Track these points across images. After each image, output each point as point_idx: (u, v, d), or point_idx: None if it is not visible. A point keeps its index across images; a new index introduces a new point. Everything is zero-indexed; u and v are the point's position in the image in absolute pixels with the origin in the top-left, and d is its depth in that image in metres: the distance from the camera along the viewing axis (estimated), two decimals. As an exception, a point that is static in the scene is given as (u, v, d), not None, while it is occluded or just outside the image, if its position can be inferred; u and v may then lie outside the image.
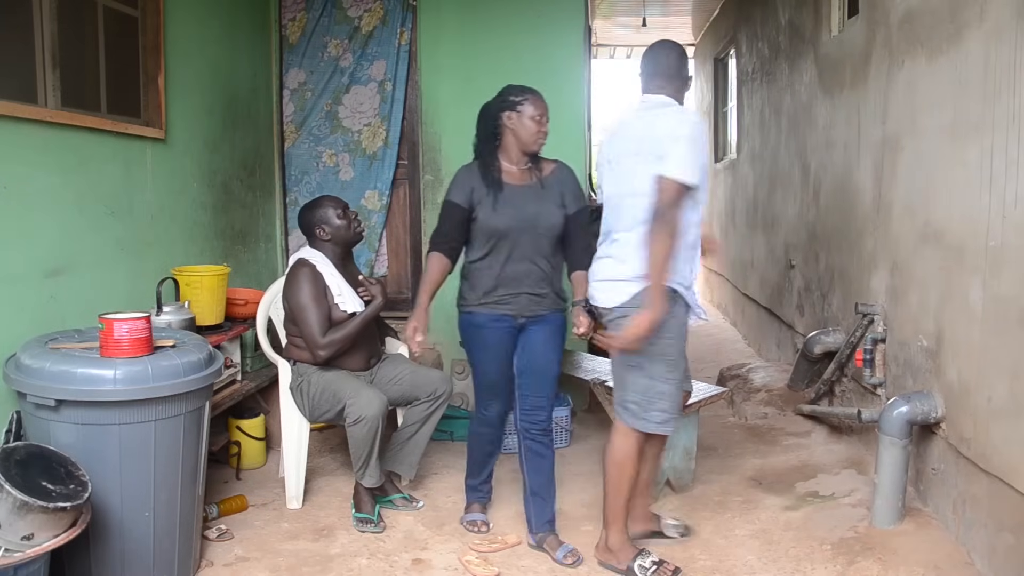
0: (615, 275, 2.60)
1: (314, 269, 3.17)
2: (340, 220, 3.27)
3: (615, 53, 11.20)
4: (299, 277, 3.14)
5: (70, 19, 2.99)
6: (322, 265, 3.20)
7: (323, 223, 3.25)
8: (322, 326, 3.10)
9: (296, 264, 3.20)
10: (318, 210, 3.27)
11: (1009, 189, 2.38)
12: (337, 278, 3.22)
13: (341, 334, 3.12)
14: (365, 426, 2.98)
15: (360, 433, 3.00)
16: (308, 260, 3.20)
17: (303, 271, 3.15)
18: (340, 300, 3.17)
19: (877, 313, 3.42)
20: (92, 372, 2.33)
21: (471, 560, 2.80)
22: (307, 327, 3.10)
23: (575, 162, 4.61)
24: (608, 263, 2.65)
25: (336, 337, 3.11)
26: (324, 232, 3.25)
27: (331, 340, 3.09)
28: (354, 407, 2.98)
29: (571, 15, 4.56)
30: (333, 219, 3.26)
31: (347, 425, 3.03)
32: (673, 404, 2.64)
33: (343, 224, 3.27)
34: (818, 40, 4.42)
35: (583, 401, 4.55)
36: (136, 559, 2.45)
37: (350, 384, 3.09)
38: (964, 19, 2.66)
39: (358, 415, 2.97)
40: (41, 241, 2.76)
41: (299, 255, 3.25)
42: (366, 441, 3.01)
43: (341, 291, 3.20)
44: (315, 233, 3.26)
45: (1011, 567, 2.38)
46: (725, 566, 2.79)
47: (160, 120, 3.45)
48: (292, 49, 4.71)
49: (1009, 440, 2.39)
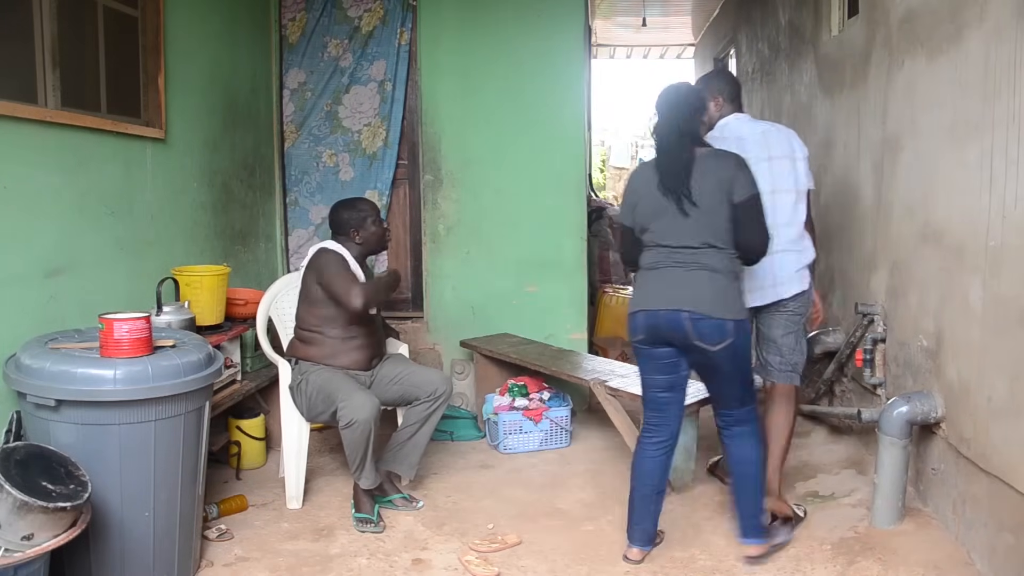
0: (800, 263, 2.96)
1: (343, 257, 3.24)
2: (375, 227, 3.34)
3: (615, 53, 11.21)
4: (327, 258, 3.20)
5: (70, 19, 2.99)
6: (348, 258, 3.27)
7: (359, 227, 3.32)
8: (355, 284, 3.14)
9: (322, 250, 3.25)
10: (357, 213, 3.33)
11: (1009, 189, 2.38)
12: (360, 273, 3.28)
13: (372, 287, 3.20)
14: (357, 430, 2.98)
15: (352, 437, 3.00)
16: (335, 250, 3.26)
17: (331, 255, 3.22)
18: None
19: (877, 313, 3.42)
20: (92, 372, 2.33)
21: (471, 560, 2.80)
22: (341, 286, 3.11)
23: (574, 162, 4.64)
24: (794, 256, 2.95)
25: (370, 290, 3.15)
26: (357, 235, 3.32)
27: (365, 292, 3.12)
28: (346, 410, 2.98)
29: (571, 15, 4.56)
30: (369, 226, 3.33)
31: (340, 428, 3.04)
32: None
33: (377, 232, 3.36)
34: (818, 40, 4.42)
35: (583, 401, 4.55)
36: (136, 559, 2.45)
37: (345, 386, 3.09)
38: (964, 19, 2.66)
39: (350, 419, 2.97)
40: (41, 241, 2.75)
41: (324, 245, 3.29)
42: (359, 444, 3.02)
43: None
44: (347, 232, 3.32)
45: (1011, 567, 2.38)
46: (725, 566, 2.79)
47: (160, 120, 3.45)
48: (292, 49, 4.71)
49: (1009, 440, 2.39)
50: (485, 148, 4.61)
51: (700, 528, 3.08)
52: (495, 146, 4.61)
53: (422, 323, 4.72)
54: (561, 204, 4.60)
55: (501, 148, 4.60)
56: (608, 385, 3.49)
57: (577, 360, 4.05)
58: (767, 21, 5.80)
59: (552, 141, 4.59)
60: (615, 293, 5.96)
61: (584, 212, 4.68)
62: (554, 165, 4.59)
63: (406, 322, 4.68)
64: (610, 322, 5.80)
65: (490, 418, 4.01)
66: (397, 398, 3.31)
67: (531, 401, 3.99)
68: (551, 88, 4.58)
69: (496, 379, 4.25)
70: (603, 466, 3.75)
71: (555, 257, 4.61)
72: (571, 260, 4.62)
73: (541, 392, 4.06)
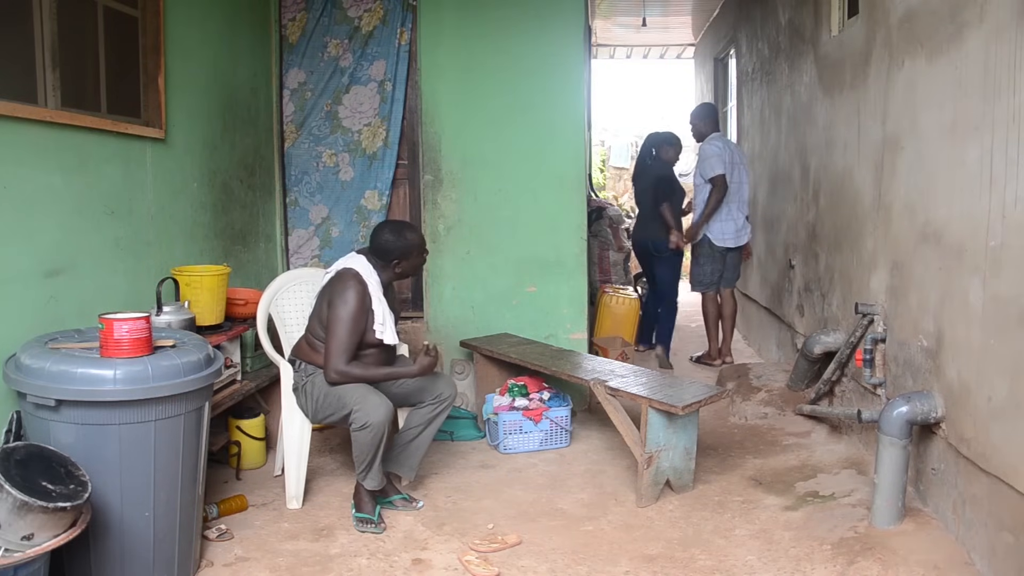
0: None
1: (366, 289, 3.10)
2: (418, 259, 3.26)
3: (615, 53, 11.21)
4: (351, 289, 3.06)
5: (70, 19, 2.99)
6: (374, 288, 3.14)
7: (404, 258, 3.20)
8: (349, 351, 3.05)
9: (350, 274, 3.11)
10: (404, 243, 3.19)
11: (1009, 189, 2.38)
12: (383, 305, 3.16)
13: (361, 372, 3.09)
14: (370, 432, 2.97)
15: (365, 439, 2.99)
16: (363, 278, 3.11)
17: (357, 286, 3.07)
18: (380, 328, 3.13)
19: (877, 313, 3.42)
20: (92, 372, 2.33)
21: (471, 560, 2.80)
22: (336, 343, 3.03)
23: (574, 162, 4.64)
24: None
25: (355, 373, 3.06)
26: (398, 265, 3.20)
27: (349, 372, 3.05)
28: (360, 413, 2.97)
29: (571, 15, 4.56)
30: (415, 261, 3.25)
31: (352, 430, 3.03)
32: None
33: (418, 263, 3.28)
34: (818, 40, 4.42)
35: (583, 401, 4.55)
36: (136, 559, 2.45)
37: (356, 389, 3.06)
38: (964, 19, 2.66)
39: (364, 421, 2.96)
40: (41, 241, 2.75)
41: (354, 266, 3.14)
42: (371, 446, 3.01)
43: (384, 320, 3.14)
44: (388, 260, 3.19)
45: (1011, 567, 2.38)
46: (725, 566, 2.79)
47: (160, 120, 3.45)
48: (292, 49, 4.71)
49: (1009, 440, 2.39)
50: (485, 148, 4.61)
51: (700, 528, 3.08)
52: (495, 146, 4.61)
53: (422, 323, 4.72)
54: (561, 204, 4.60)
55: (501, 148, 4.60)
56: (608, 385, 3.49)
57: (577, 360, 4.05)
58: (767, 21, 5.80)
59: (552, 141, 4.59)
60: (615, 293, 5.97)
61: (584, 212, 4.68)
62: (554, 165, 4.59)
63: (406, 322, 4.68)
64: (610, 322, 5.81)
65: (490, 418, 4.01)
66: (401, 400, 3.30)
67: (531, 401, 4.00)
68: (551, 88, 4.58)
69: (496, 379, 4.25)
70: (603, 466, 3.75)
71: (555, 257, 4.61)
72: (571, 260, 4.62)
73: (541, 392, 4.06)
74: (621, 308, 5.85)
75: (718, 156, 5.42)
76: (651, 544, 2.96)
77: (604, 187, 13.04)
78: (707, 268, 5.64)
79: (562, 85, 4.58)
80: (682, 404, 3.22)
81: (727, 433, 4.18)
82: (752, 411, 4.40)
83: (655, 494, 3.33)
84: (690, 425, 3.40)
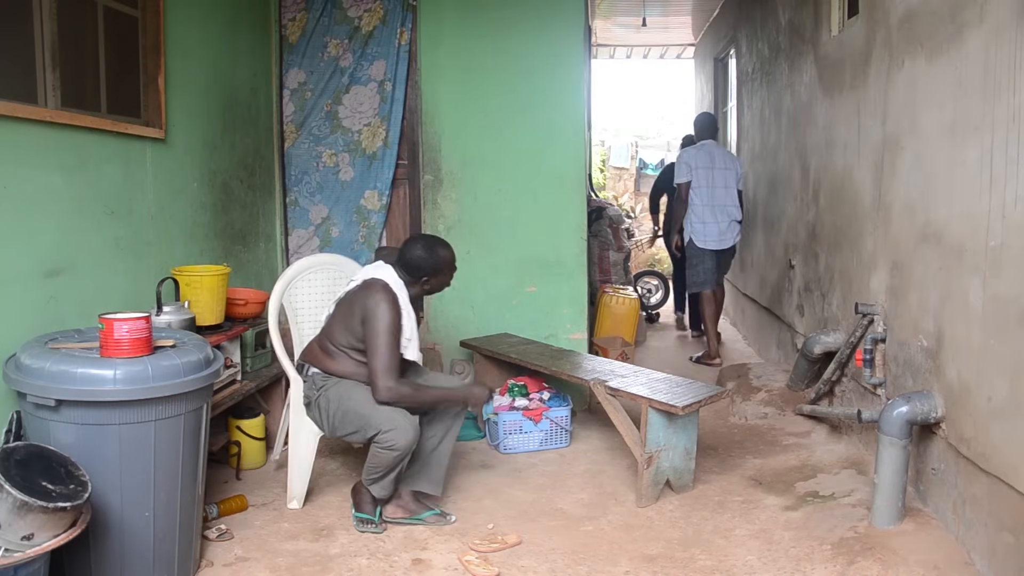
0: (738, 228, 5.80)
1: (398, 301, 2.99)
2: (447, 276, 3.16)
3: (615, 53, 11.21)
4: (384, 303, 2.94)
5: (70, 19, 2.99)
6: (404, 303, 3.03)
7: (434, 276, 3.10)
8: (396, 366, 2.92)
9: (380, 285, 2.99)
10: (437, 260, 3.08)
11: (1009, 189, 2.38)
12: (412, 321, 3.07)
13: (411, 391, 2.96)
14: (395, 454, 2.89)
15: (387, 458, 2.91)
16: (395, 291, 3.00)
17: (390, 299, 2.96)
18: (407, 344, 3.04)
19: (877, 313, 3.42)
20: (92, 372, 2.33)
21: (471, 560, 2.80)
22: (380, 361, 2.89)
23: (574, 162, 4.64)
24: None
25: (406, 392, 2.93)
26: (427, 281, 3.10)
27: (399, 390, 2.91)
28: (389, 435, 2.86)
29: (571, 15, 4.57)
30: (444, 279, 3.15)
31: (376, 448, 2.92)
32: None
33: (446, 280, 3.18)
34: (818, 40, 4.42)
35: (583, 401, 4.55)
36: (136, 559, 2.45)
37: (383, 410, 2.91)
38: (964, 19, 2.66)
39: (392, 443, 2.86)
40: (41, 241, 2.75)
41: (385, 279, 3.02)
42: (391, 465, 2.94)
43: (411, 336, 3.06)
44: (418, 274, 3.07)
45: (1011, 567, 2.38)
46: (725, 566, 2.79)
47: (160, 120, 3.45)
48: (292, 49, 4.71)
49: (1009, 440, 2.39)
50: (485, 148, 4.61)
51: (700, 528, 3.08)
52: (495, 146, 4.61)
53: (422, 323, 4.72)
54: (561, 204, 4.60)
55: (501, 148, 4.60)
56: (608, 385, 3.49)
57: (577, 360, 4.05)
58: (767, 21, 5.80)
59: (552, 141, 4.59)
60: (615, 293, 5.97)
61: (584, 212, 4.68)
62: (554, 165, 4.59)
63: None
64: (610, 322, 5.81)
65: (490, 418, 4.01)
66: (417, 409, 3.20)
67: (531, 401, 4.00)
68: (551, 88, 4.58)
69: (496, 379, 4.25)
70: (603, 466, 3.75)
71: (555, 257, 4.61)
72: (571, 260, 4.62)
73: (541, 392, 4.06)
74: (621, 308, 5.85)
75: (685, 164, 5.74)
76: (651, 544, 2.96)
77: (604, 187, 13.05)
78: (698, 269, 5.82)
79: (562, 85, 4.58)
80: (682, 404, 3.22)
81: (727, 433, 4.19)
82: (752, 411, 4.40)
83: (655, 494, 3.33)
84: (690, 425, 3.40)
